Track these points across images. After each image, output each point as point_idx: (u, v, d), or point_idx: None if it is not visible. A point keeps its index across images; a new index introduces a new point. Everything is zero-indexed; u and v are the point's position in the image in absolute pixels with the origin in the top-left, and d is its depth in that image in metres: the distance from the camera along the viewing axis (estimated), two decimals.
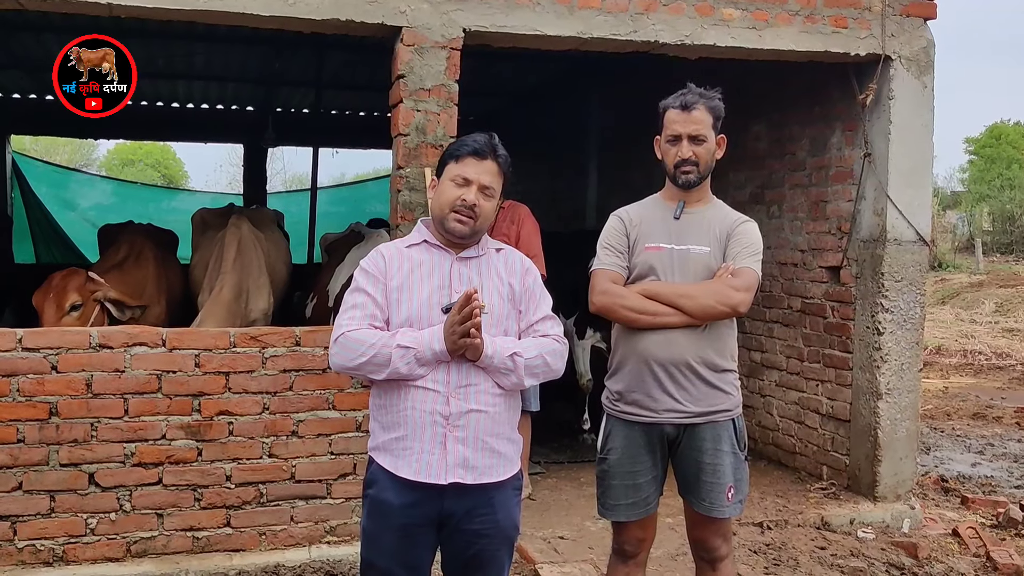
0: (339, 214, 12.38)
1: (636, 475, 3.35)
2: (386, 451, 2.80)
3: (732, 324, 3.40)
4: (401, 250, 2.88)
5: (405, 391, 2.75)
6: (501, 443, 2.82)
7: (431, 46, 4.65)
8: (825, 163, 6.01)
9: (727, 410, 3.33)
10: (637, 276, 3.36)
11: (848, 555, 4.89)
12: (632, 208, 3.50)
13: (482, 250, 2.90)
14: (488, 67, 8.73)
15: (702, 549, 3.47)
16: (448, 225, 2.80)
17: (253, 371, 4.52)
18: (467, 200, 2.77)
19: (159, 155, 40.83)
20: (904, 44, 5.39)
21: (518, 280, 2.90)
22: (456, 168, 2.82)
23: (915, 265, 5.49)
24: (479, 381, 2.76)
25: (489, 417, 2.77)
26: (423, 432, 2.73)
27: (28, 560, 4.29)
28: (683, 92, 3.34)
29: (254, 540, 4.57)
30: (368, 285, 2.81)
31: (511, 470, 2.86)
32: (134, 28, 7.65)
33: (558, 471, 6.27)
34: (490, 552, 2.83)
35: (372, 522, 2.83)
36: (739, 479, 3.35)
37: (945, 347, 13.90)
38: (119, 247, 6.63)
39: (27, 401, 4.25)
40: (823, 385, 5.99)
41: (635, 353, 3.32)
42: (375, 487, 2.82)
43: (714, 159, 3.38)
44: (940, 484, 6.59)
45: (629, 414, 3.35)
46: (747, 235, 3.36)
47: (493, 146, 2.84)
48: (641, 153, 3.52)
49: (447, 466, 2.72)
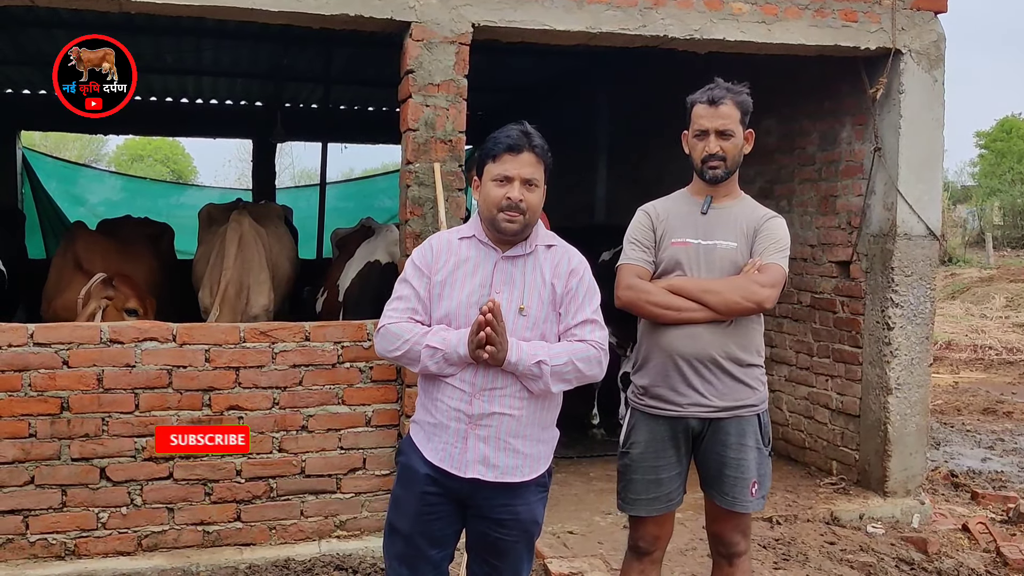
0: (347, 209, 12.41)
1: (659, 470, 3.33)
2: (420, 428, 2.91)
3: (759, 319, 3.38)
4: (452, 241, 2.92)
5: (439, 384, 2.83)
6: (527, 444, 2.84)
7: (440, 41, 4.65)
8: (835, 157, 5.99)
9: (752, 405, 3.31)
10: (663, 271, 3.35)
11: (858, 550, 4.89)
12: (659, 203, 3.48)
13: (530, 247, 2.90)
14: (496, 62, 8.73)
15: (720, 544, 3.46)
16: (499, 226, 2.81)
17: (263, 366, 4.54)
18: (512, 198, 2.78)
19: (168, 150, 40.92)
20: (914, 38, 5.37)
21: (562, 282, 2.88)
22: (495, 167, 2.82)
23: (925, 259, 5.47)
24: (505, 385, 2.78)
25: (514, 420, 2.80)
26: (448, 425, 2.81)
27: (40, 554, 4.31)
28: (710, 87, 3.32)
29: (264, 534, 4.59)
30: (414, 278, 2.88)
31: (537, 470, 2.89)
32: (144, 24, 7.69)
33: (567, 466, 6.26)
34: (509, 543, 2.88)
35: (400, 487, 2.94)
36: (763, 474, 3.34)
37: (955, 342, 13.87)
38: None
39: (39, 396, 4.27)
40: (833, 380, 5.97)
41: (660, 348, 3.31)
42: (404, 455, 2.95)
43: (742, 154, 3.37)
44: (950, 479, 6.57)
45: (654, 408, 3.33)
46: (775, 230, 3.34)
47: (527, 136, 2.85)
48: (650, 147, 3.52)
49: (467, 461, 2.79)
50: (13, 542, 4.29)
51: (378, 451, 4.71)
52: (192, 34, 8.27)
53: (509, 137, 2.83)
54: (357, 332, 4.66)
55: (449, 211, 4.61)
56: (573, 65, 9.41)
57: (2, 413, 4.24)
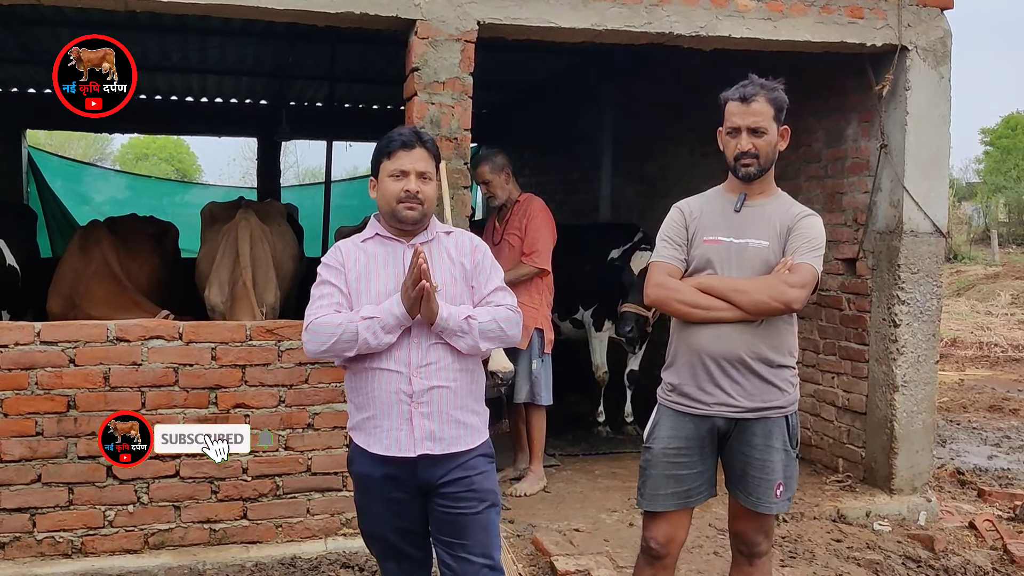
0: (351, 207, 12.40)
1: (679, 466, 3.30)
2: (360, 430, 3.00)
3: (790, 319, 3.33)
4: (357, 245, 3.08)
5: (372, 374, 2.94)
6: (466, 415, 2.99)
7: (445, 39, 4.65)
8: (841, 154, 5.98)
9: (781, 407, 3.28)
10: (695, 269, 3.33)
11: (864, 547, 4.88)
12: (693, 200, 3.45)
13: (431, 234, 3.07)
14: (501, 59, 8.72)
15: (742, 543, 3.44)
16: (400, 215, 2.98)
17: (269, 364, 4.54)
18: (409, 189, 2.96)
19: (172, 149, 41.01)
20: (921, 34, 5.36)
21: (468, 258, 3.06)
22: (391, 164, 2.99)
23: (932, 257, 5.46)
24: (438, 359, 2.94)
25: (452, 392, 2.95)
26: (391, 410, 2.92)
27: (47, 552, 4.32)
28: (743, 84, 3.30)
29: (271, 532, 4.59)
30: (331, 276, 3.01)
31: (479, 439, 3.03)
32: (149, 22, 7.71)
33: (573, 464, 6.27)
34: (470, 515, 2.96)
35: (360, 496, 3.06)
36: (789, 476, 3.31)
37: (961, 339, 13.85)
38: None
39: (45, 394, 4.28)
40: (839, 377, 5.96)
41: (688, 346, 3.30)
42: (355, 464, 3.04)
43: (776, 151, 3.33)
44: (956, 477, 6.56)
45: (680, 405, 3.31)
46: (809, 228, 3.29)
47: (418, 134, 3.03)
48: (655, 145, 3.51)
49: (415, 440, 2.91)
50: (20, 540, 4.30)
51: None
52: (197, 32, 8.28)
53: (402, 135, 3.02)
54: None
55: (455, 208, 4.60)
56: (578, 62, 9.40)
57: (9, 411, 4.25)
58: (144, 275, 6.78)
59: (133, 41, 8.33)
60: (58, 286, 6.26)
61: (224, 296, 6.12)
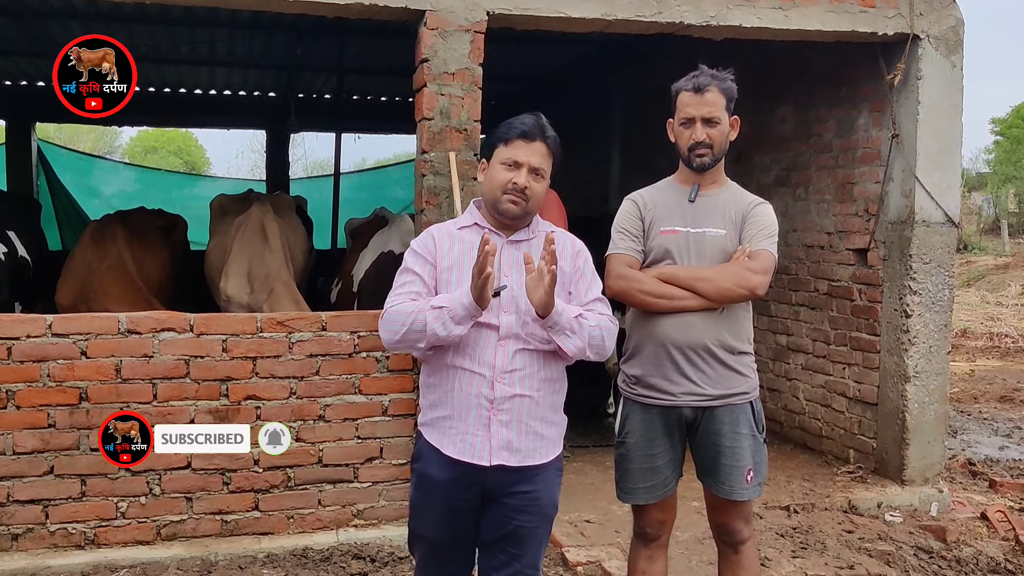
0: (360, 199, 12.40)
1: (654, 458, 3.34)
2: (433, 427, 2.86)
3: (748, 307, 3.39)
4: (452, 232, 2.91)
5: (452, 372, 2.80)
6: (545, 427, 2.86)
7: (455, 30, 4.63)
8: (852, 144, 5.95)
9: (744, 392, 3.31)
10: (653, 260, 3.35)
11: (876, 539, 4.88)
12: (646, 191, 3.48)
13: (533, 233, 2.91)
14: (510, 50, 8.70)
15: (724, 533, 3.46)
16: (501, 207, 2.82)
17: (280, 356, 4.54)
18: (518, 183, 2.79)
19: (181, 142, 41.01)
20: (933, 23, 5.32)
21: (568, 262, 2.91)
22: (506, 151, 2.83)
23: (943, 247, 5.44)
24: (525, 366, 2.80)
25: (534, 402, 2.81)
26: (468, 414, 2.78)
27: (60, 543, 4.34)
28: (695, 74, 3.32)
29: (282, 523, 4.60)
30: (416, 265, 2.86)
31: (554, 452, 2.90)
32: (158, 15, 7.70)
33: (584, 455, 6.27)
34: (529, 528, 2.86)
35: (419, 495, 2.91)
36: (758, 461, 3.34)
37: (971, 330, 13.80)
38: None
39: (57, 386, 4.29)
40: (850, 368, 5.95)
41: (652, 337, 3.31)
42: (421, 461, 2.88)
43: (728, 141, 3.36)
44: (968, 467, 6.54)
45: (647, 397, 3.34)
46: (763, 217, 3.33)
47: (542, 127, 2.85)
48: (664, 135, 3.49)
49: (491, 448, 2.77)
50: (34, 531, 4.32)
51: (395, 440, 4.72)
52: (206, 24, 8.27)
53: (524, 124, 2.85)
54: (374, 322, 4.65)
55: (465, 200, 4.59)
56: (588, 53, 9.37)
57: (21, 404, 4.26)
58: (156, 269, 6.80)
59: (142, 34, 8.37)
60: (70, 279, 6.27)
61: (248, 288, 6.12)
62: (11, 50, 9.28)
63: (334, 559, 4.46)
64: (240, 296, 6.14)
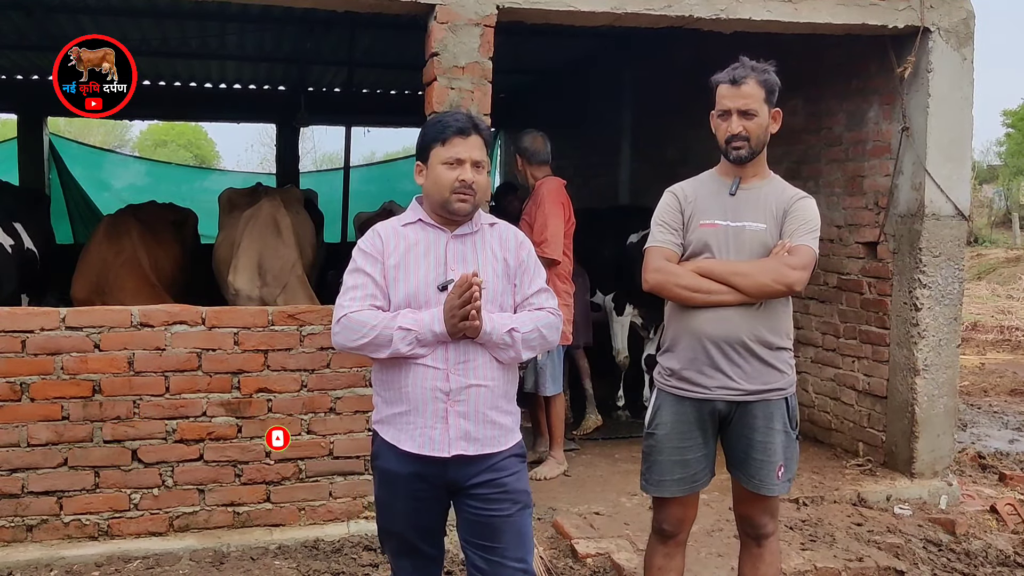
0: (369, 193, 12.44)
1: (685, 451, 3.33)
2: (389, 424, 2.88)
3: (787, 302, 3.37)
4: (397, 229, 2.93)
5: (406, 369, 2.81)
6: (500, 415, 2.89)
7: (465, 23, 4.64)
8: (862, 137, 5.94)
9: (780, 388, 3.30)
10: (692, 253, 3.33)
11: (885, 531, 4.88)
12: (687, 184, 3.45)
13: (476, 226, 2.95)
14: (519, 43, 8.70)
15: (748, 525, 3.46)
16: (452, 207, 2.84)
17: (291, 349, 4.57)
18: (465, 179, 2.83)
19: (191, 135, 41.12)
20: (943, 15, 5.31)
21: (512, 254, 2.95)
22: (445, 151, 2.85)
23: (953, 240, 5.43)
24: (476, 356, 2.82)
25: (489, 391, 2.84)
26: (425, 408, 2.81)
27: (74, 534, 4.38)
28: (734, 66, 3.29)
29: (294, 515, 4.63)
30: (367, 265, 2.86)
31: (512, 440, 2.94)
32: (168, 9, 7.73)
33: (593, 448, 6.29)
34: (502, 518, 2.87)
35: (383, 491, 2.95)
36: (789, 458, 3.33)
37: (981, 323, 13.76)
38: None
39: (71, 379, 4.32)
40: (859, 361, 5.95)
41: (689, 331, 3.30)
42: (380, 459, 2.92)
43: (767, 133, 3.33)
44: (977, 460, 6.53)
45: (681, 390, 3.32)
46: (805, 211, 3.30)
47: (474, 120, 2.90)
48: (675, 128, 3.51)
49: (449, 439, 2.80)
50: (47, 523, 4.36)
51: None
52: (216, 18, 8.30)
53: (457, 121, 2.88)
54: None
55: None
56: (597, 46, 9.37)
57: (35, 396, 4.30)
58: (168, 264, 6.85)
59: (152, 27, 8.39)
60: (85, 274, 6.31)
61: (258, 281, 6.15)
62: (22, 44, 9.34)
63: (345, 550, 4.48)
64: (250, 289, 6.16)
